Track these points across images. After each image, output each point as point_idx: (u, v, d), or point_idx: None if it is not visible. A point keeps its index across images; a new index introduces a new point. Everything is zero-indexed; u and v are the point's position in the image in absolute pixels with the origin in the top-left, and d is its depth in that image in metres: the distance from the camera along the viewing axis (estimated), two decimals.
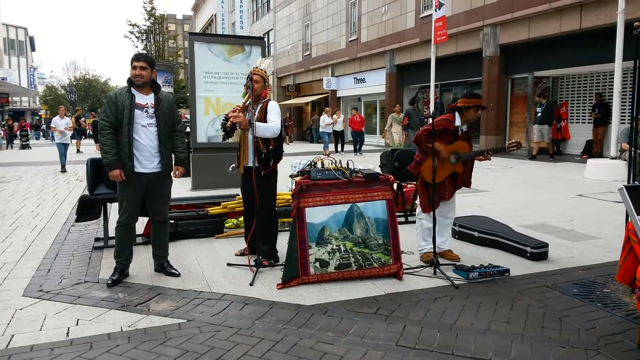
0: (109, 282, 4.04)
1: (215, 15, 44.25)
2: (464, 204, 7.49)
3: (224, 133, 4.46)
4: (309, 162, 4.38)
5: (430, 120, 4.33)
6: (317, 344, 3.02)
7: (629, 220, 2.86)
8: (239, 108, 4.40)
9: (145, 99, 4.08)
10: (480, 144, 16.40)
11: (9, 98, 39.18)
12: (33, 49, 65.00)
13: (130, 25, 38.26)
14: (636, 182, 3.70)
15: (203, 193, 7.98)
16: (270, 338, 3.10)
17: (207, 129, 8.96)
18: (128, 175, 4.01)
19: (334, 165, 4.26)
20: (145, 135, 4.05)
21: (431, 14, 15.96)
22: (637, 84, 4.25)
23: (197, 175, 9.10)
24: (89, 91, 64.46)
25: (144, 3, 37.99)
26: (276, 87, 34.12)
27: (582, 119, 14.81)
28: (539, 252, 4.65)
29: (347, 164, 4.30)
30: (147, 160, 4.07)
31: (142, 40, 38.09)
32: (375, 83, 23.41)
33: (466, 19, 16.75)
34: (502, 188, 9.06)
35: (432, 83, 16.35)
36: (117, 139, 3.99)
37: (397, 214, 6.36)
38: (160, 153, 4.11)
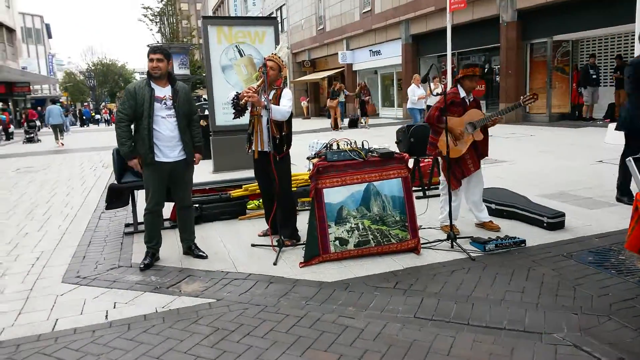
0: (142, 266, 4.28)
1: None
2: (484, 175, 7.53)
3: (234, 111, 4.57)
4: (324, 144, 4.49)
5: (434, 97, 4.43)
6: (339, 319, 3.19)
7: (638, 191, 2.93)
8: (254, 89, 4.48)
9: (163, 92, 4.23)
10: None
11: (30, 87, 39.86)
12: (50, 36, 65.67)
13: (144, 8, 38.28)
14: None
15: (225, 175, 8.17)
16: (295, 314, 3.28)
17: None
18: (150, 165, 4.21)
19: (349, 146, 4.37)
20: (165, 126, 4.22)
21: None
22: None
23: (218, 158, 9.29)
24: (107, 76, 65.05)
25: None
26: (291, 63, 33.94)
27: (604, 82, 14.51)
28: (555, 221, 4.72)
29: (362, 144, 4.41)
30: (169, 149, 4.25)
31: (156, 22, 38.08)
32: (391, 55, 23.14)
33: None
34: (522, 157, 9.05)
35: (449, 52, 16.11)
36: (136, 129, 4.19)
37: (414, 188, 6.49)
38: (182, 142, 4.29)
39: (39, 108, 32.47)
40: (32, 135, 22.03)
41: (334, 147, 4.41)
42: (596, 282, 3.52)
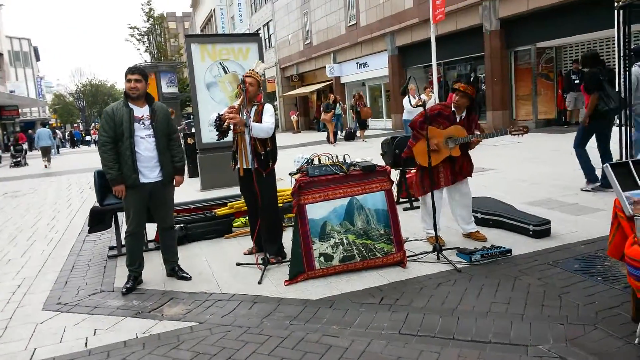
0: (123, 290, 4.20)
1: (214, 10, 44.17)
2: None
3: (218, 133, 4.53)
4: (306, 160, 4.47)
5: (420, 108, 4.43)
6: (323, 338, 3.14)
7: (616, 197, 2.92)
8: (235, 109, 4.46)
9: (141, 111, 4.20)
10: (487, 120, 16.33)
11: (19, 110, 39.68)
12: (38, 59, 65.63)
13: (130, 28, 38.38)
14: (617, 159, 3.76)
15: (212, 193, 8.12)
16: (278, 335, 3.22)
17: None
18: (133, 187, 4.14)
19: (330, 160, 4.34)
20: (145, 146, 4.17)
21: None
22: (625, 55, 4.25)
23: (206, 176, 9.23)
24: (97, 96, 65.02)
25: (142, 5, 38.02)
26: (280, 77, 34.04)
27: None
28: (541, 229, 4.70)
29: (344, 158, 4.38)
30: (148, 170, 4.19)
31: (143, 42, 38.14)
32: (378, 66, 23.27)
33: None
34: (509, 165, 9.07)
35: (434, 62, 16.21)
36: (118, 152, 4.12)
37: (402, 200, 6.46)
38: (160, 162, 4.23)
39: (30, 131, 32.26)
40: (19, 159, 21.77)
41: (315, 162, 4.38)
42: (582, 290, 3.49)
